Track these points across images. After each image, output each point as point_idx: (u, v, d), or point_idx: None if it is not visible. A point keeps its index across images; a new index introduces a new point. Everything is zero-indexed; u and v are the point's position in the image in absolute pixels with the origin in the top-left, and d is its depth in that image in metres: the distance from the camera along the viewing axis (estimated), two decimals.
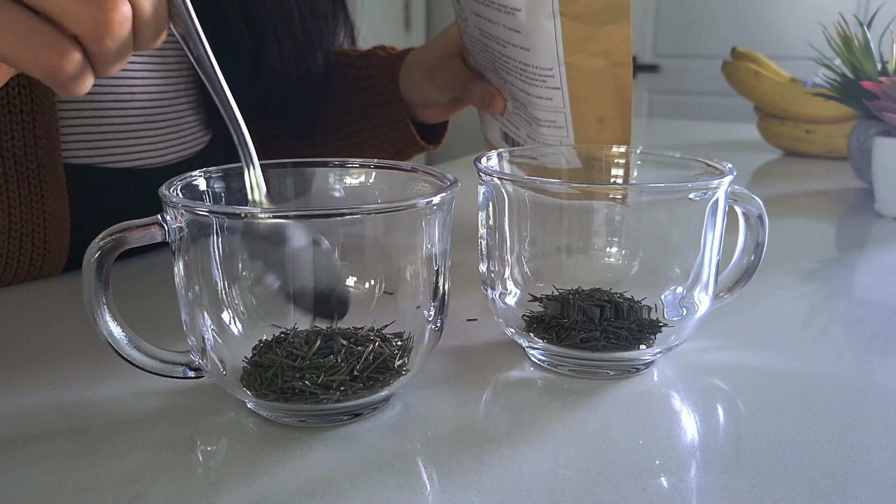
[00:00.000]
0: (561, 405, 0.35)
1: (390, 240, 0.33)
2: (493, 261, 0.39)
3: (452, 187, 0.33)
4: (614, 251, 0.39)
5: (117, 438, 0.32)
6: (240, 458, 0.30)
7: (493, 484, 0.29)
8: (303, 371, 0.31)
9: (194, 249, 0.31)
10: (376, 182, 0.39)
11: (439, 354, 0.39)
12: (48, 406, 0.34)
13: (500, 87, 0.55)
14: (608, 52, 0.47)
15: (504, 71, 0.52)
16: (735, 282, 0.41)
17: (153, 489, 0.28)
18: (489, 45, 0.51)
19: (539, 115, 0.51)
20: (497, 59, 0.51)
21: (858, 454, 0.31)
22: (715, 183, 0.36)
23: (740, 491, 0.28)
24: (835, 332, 0.46)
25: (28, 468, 0.30)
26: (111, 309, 0.31)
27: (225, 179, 0.36)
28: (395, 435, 0.32)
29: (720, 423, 0.34)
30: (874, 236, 0.68)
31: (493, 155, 0.41)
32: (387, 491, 0.28)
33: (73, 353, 0.40)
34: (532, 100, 0.51)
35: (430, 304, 0.34)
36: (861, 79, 0.78)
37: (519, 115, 0.54)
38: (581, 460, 0.30)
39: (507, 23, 0.47)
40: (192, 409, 0.34)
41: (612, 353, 0.37)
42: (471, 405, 0.35)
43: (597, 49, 0.47)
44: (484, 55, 0.53)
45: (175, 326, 0.34)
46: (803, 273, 0.57)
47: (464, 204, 0.41)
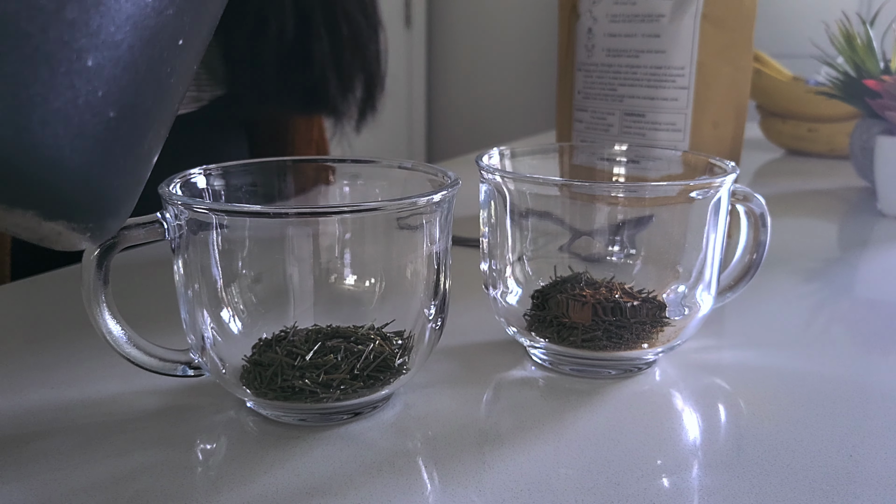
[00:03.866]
0: (562, 405, 0.35)
1: (391, 238, 0.33)
2: (494, 259, 0.39)
3: (453, 185, 0.32)
4: (616, 250, 0.39)
5: (117, 437, 0.32)
6: (239, 457, 0.30)
7: (494, 483, 0.29)
8: (303, 370, 0.31)
9: (194, 247, 0.31)
10: (376, 180, 0.39)
11: (440, 353, 0.39)
12: (48, 405, 0.34)
13: (611, 110, 0.58)
14: (733, 57, 0.53)
15: (627, 85, 0.56)
16: (737, 281, 0.41)
17: (153, 488, 0.28)
18: (615, 64, 0.56)
19: (660, 119, 0.54)
20: (621, 74, 0.56)
21: (860, 453, 0.31)
22: (717, 182, 0.35)
23: (742, 490, 0.28)
24: (837, 332, 0.46)
25: (27, 467, 0.30)
26: (110, 307, 0.31)
27: (224, 177, 0.36)
28: (396, 434, 0.32)
29: (722, 422, 0.34)
30: (876, 235, 0.68)
31: (495, 153, 0.41)
32: (387, 491, 0.28)
33: (73, 352, 0.40)
34: (657, 103, 0.54)
35: (431, 302, 0.34)
36: (864, 77, 0.78)
37: (628, 132, 0.57)
38: (582, 460, 0.30)
39: (646, 31, 0.54)
40: (191, 408, 0.34)
41: (614, 353, 0.37)
42: (472, 404, 0.35)
43: (725, 54, 0.53)
44: (600, 82, 0.58)
45: (174, 325, 0.33)
46: (805, 272, 0.56)
47: (465, 202, 0.41)
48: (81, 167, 0.19)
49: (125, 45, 0.20)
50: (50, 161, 0.19)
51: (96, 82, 0.19)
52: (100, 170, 0.20)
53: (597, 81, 0.57)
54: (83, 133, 0.19)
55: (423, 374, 0.37)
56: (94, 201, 0.20)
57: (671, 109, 0.54)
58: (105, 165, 0.20)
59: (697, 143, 0.54)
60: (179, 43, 0.22)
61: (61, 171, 0.19)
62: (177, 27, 0.21)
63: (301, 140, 0.74)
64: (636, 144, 0.52)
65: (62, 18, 0.18)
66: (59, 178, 0.19)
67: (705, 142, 0.54)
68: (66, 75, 0.19)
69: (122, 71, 0.20)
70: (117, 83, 0.20)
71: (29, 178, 0.18)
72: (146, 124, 0.22)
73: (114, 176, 0.21)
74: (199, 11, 0.23)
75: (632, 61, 0.55)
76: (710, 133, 0.54)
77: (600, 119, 0.58)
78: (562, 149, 0.46)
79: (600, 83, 0.57)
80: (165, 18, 0.21)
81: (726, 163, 0.38)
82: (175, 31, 0.22)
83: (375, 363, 0.32)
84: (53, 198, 0.19)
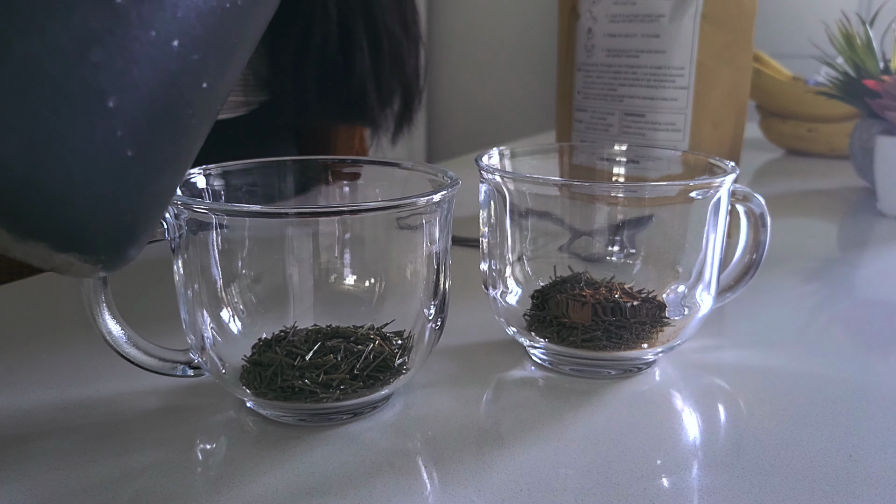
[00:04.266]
0: (562, 405, 0.35)
1: (390, 238, 0.33)
2: (494, 259, 0.39)
3: (453, 185, 0.32)
4: (616, 250, 0.39)
5: (116, 437, 0.32)
6: (239, 457, 0.30)
7: (494, 483, 0.28)
8: (302, 370, 0.31)
9: (193, 247, 0.31)
10: (376, 180, 0.39)
11: (440, 353, 0.39)
12: (47, 405, 0.34)
13: (610, 110, 0.58)
14: (733, 57, 0.53)
15: (627, 85, 0.56)
16: (737, 281, 0.41)
17: (152, 488, 0.28)
18: (614, 64, 0.56)
19: (660, 119, 0.54)
20: (621, 74, 0.56)
21: (860, 454, 0.31)
22: (717, 182, 0.35)
23: (742, 490, 0.28)
24: (836, 332, 0.46)
25: (27, 467, 0.29)
26: (110, 307, 0.31)
27: (224, 177, 0.36)
28: (396, 434, 0.32)
29: (722, 422, 0.34)
30: (876, 235, 0.68)
31: (495, 153, 0.41)
32: (387, 490, 0.28)
33: (72, 352, 0.39)
34: (657, 103, 0.54)
35: (431, 302, 0.34)
36: (863, 77, 0.78)
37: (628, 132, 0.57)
38: (582, 460, 0.30)
39: (646, 31, 0.54)
40: (191, 408, 0.34)
41: (614, 353, 0.37)
42: (471, 404, 0.35)
43: (725, 54, 0.53)
44: (600, 82, 0.58)
45: (174, 325, 0.33)
46: (805, 272, 0.56)
47: (465, 202, 0.41)
48: (93, 203, 0.20)
49: (147, 88, 0.20)
50: (61, 196, 0.19)
51: (115, 123, 0.20)
52: (112, 206, 0.20)
53: (596, 81, 0.57)
54: (98, 170, 0.19)
55: (423, 374, 0.37)
56: (106, 236, 0.21)
57: (671, 109, 0.54)
58: (118, 202, 0.20)
59: (697, 143, 0.54)
60: (203, 86, 0.22)
61: (72, 206, 0.19)
62: (201, 71, 0.22)
63: (343, 147, 0.76)
64: (636, 144, 0.52)
65: (86, 61, 0.19)
66: (69, 214, 0.19)
67: (705, 142, 0.54)
68: (86, 115, 0.19)
69: (142, 112, 0.20)
70: (136, 124, 0.20)
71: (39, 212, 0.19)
72: (164, 163, 0.22)
73: (127, 212, 0.21)
74: (226, 56, 0.23)
75: (632, 61, 0.55)
76: (709, 133, 0.54)
77: (600, 119, 0.58)
78: (562, 149, 0.46)
79: (600, 83, 0.57)
80: (190, 63, 0.21)
81: (726, 163, 0.38)
82: (199, 74, 0.22)
83: (375, 363, 0.32)
84: (64, 232, 0.20)
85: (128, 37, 0.19)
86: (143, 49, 0.20)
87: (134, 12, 0.20)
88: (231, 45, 0.23)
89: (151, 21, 0.20)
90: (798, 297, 0.51)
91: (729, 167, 0.37)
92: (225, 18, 0.22)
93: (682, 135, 0.54)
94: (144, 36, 0.20)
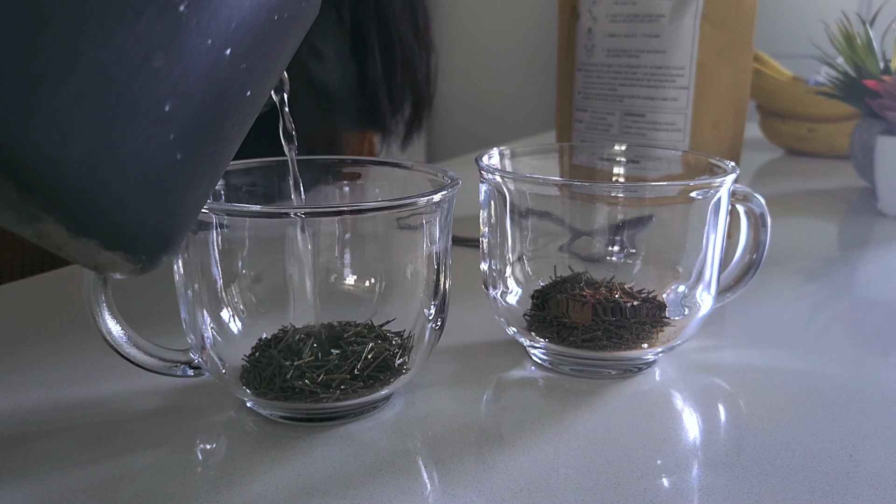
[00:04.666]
0: (562, 404, 0.35)
1: (391, 238, 0.33)
2: (494, 259, 0.39)
3: (453, 185, 0.32)
4: (616, 250, 0.39)
5: (116, 437, 0.32)
6: (239, 457, 0.30)
7: (494, 483, 0.28)
8: (302, 370, 0.31)
9: (194, 247, 0.31)
10: (377, 180, 0.39)
11: (440, 353, 0.39)
12: (48, 405, 0.34)
13: (611, 110, 0.58)
14: (733, 57, 0.53)
15: (627, 85, 0.56)
16: (737, 281, 0.41)
17: (153, 488, 0.28)
18: (614, 64, 0.56)
19: (660, 119, 0.54)
20: (621, 74, 0.56)
21: (860, 454, 0.31)
22: (717, 181, 0.35)
23: (741, 490, 0.28)
24: (837, 332, 0.46)
25: (27, 467, 0.29)
26: (110, 307, 0.31)
27: (224, 177, 0.36)
28: (396, 434, 0.32)
29: (722, 422, 0.34)
30: (876, 235, 0.68)
31: (495, 153, 0.41)
32: (387, 490, 0.28)
33: (72, 352, 0.40)
34: (657, 103, 0.54)
35: (431, 302, 0.34)
36: (863, 77, 0.78)
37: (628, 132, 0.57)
38: (582, 460, 0.30)
39: (646, 31, 0.54)
40: (191, 408, 0.34)
41: (614, 353, 0.37)
42: (472, 404, 0.35)
43: (725, 54, 0.53)
44: (600, 82, 0.58)
45: (174, 325, 0.33)
46: (805, 272, 0.56)
47: (465, 202, 0.41)
48: (145, 205, 0.21)
49: (199, 95, 0.21)
50: (117, 198, 0.20)
51: (169, 127, 0.20)
52: (161, 208, 0.21)
53: (597, 81, 0.57)
54: (150, 173, 0.20)
55: (423, 374, 0.37)
56: (152, 237, 0.22)
57: (671, 109, 0.54)
58: (165, 205, 0.22)
59: (697, 143, 0.54)
60: (247, 95, 0.23)
61: (126, 207, 0.20)
62: (247, 81, 0.23)
63: (352, 152, 0.77)
64: (636, 144, 0.52)
65: (148, 67, 0.20)
66: (122, 214, 0.20)
67: (705, 142, 0.54)
68: (144, 119, 0.20)
69: (193, 118, 0.21)
70: (187, 129, 0.21)
71: (96, 212, 0.20)
72: (205, 169, 0.23)
73: (172, 215, 0.22)
74: (268, 68, 0.24)
75: (632, 61, 0.55)
76: (710, 133, 0.54)
77: (600, 119, 0.58)
78: (562, 149, 0.46)
79: (600, 83, 0.57)
80: (238, 72, 0.22)
81: (726, 163, 0.38)
82: (245, 84, 0.23)
83: (375, 363, 0.32)
84: (116, 231, 0.21)
85: (187, 44, 0.20)
86: (199, 57, 0.21)
87: (194, 20, 0.20)
88: (273, 56, 0.24)
89: (209, 30, 0.21)
90: (798, 297, 0.51)
91: (729, 167, 0.37)
92: (271, 31, 0.23)
93: (682, 135, 0.54)
94: (202, 44, 0.21)
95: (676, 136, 0.54)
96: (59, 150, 0.18)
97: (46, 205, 0.19)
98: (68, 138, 0.18)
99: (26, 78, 0.18)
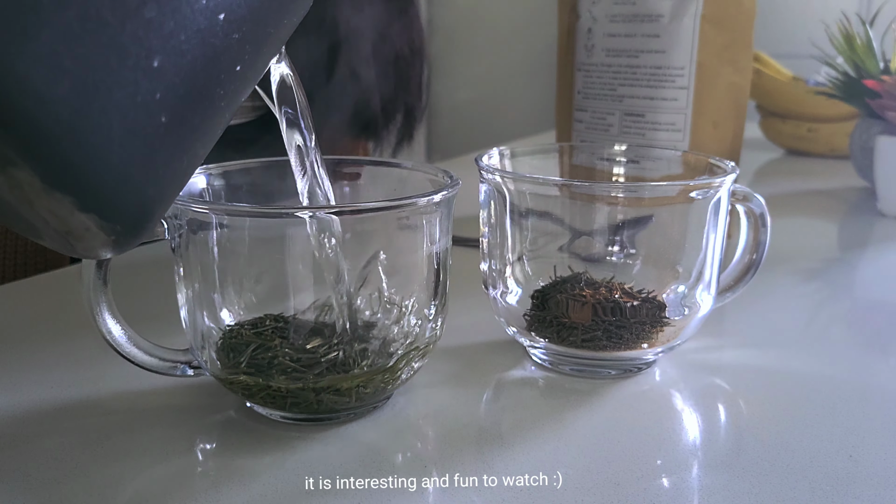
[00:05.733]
0: (562, 404, 0.35)
1: (391, 238, 0.33)
2: (494, 259, 0.39)
3: (453, 185, 0.32)
4: (616, 250, 0.39)
5: (116, 437, 0.32)
6: (239, 457, 0.30)
7: (494, 483, 0.28)
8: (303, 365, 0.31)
9: (194, 247, 0.31)
10: (376, 180, 0.39)
11: (440, 353, 0.39)
12: (48, 405, 0.34)
13: (610, 110, 0.58)
14: (733, 57, 0.53)
15: (627, 85, 0.56)
16: (737, 281, 0.41)
17: (152, 488, 0.28)
18: (614, 64, 0.56)
19: (660, 119, 0.54)
20: (620, 74, 0.56)
21: (860, 454, 0.31)
22: (717, 181, 0.35)
23: (741, 490, 0.28)
24: (836, 332, 0.46)
25: (27, 467, 0.29)
26: (111, 307, 0.31)
27: (225, 177, 0.36)
28: (396, 434, 0.32)
29: (721, 422, 0.34)
30: (876, 235, 0.68)
31: (495, 153, 0.41)
32: (387, 491, 0.28)
33: (73, 352, 0.39)
34: (657, 103, 0.54)
35: (431, 302, 0.33)
36: (863, 77, 0.78)
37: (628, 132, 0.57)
38: (582, 460, 0.30)
39: (646, 31, 0.54)
40: (191, 408, 0.34)
41: (614, 353, 0.37)
42: (472, 404, 0.35)
43: (725, 54, 0.53)
44: (600, 82, 0.58)
45: (175, 325, 0.33)
46: (805, 272, 0.56)
47: (465, 202, 0.41)
48: (126, 165, 0.20)
49: (189, 56, 0.21)
50: (98, 151, 0.19)
51: (157, 84, 0.20)
52: (142, 172, 0.21)
53: (596, 81, 0.57)
54: (134, 130, 0.20)
55: (423, 375, 0.37)
56: (130, 204, 0.21)
57: (671, 109, 0.54)
58: (146, 169, 0.21)
59: (697, 143, 0.54)
60: (237, 69, 0.23)
61: (106, 163, 0.20)
62: (238, 53, 0.23)
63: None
64: (636, 144, 0.52)
65: (141, 15, 0.19)
66: (102, 170, 0.20)
67: (705, 142, 0.54)
68: (133, 70, 0.19)
69: (182, 80, 0.21)
70: (175, 91, 0.21)
71: (75, 163, 0.19)
72: (190, 140, 0.22)
73: (152, 183, 0.21)
74: (260, 45, 0.24)
75: (631, 61, 0.55)
76: (709, 133, 0.54)
77: (600, 119, 0.58)
78: (562, 149, 0.46)
79: (600, 83, 0.57)
80: (230, 42, 0.22)
81: (726, 163, 0.38)
82: (236, 56, 0.23)
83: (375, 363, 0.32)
84: (93, 189, 0.20)
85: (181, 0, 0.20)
86: (192, 15, 0.21)
87: None
88: (266, 34, 0.24)
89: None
90: (798, 297, 0.51)
91: (729, 167, 0.37)
92: (267, 5, 0.23)
93: (682, 135, 0.54)
94: (196, 2, 0.21)
95: (676, 136, 0.54)
96: (44, 86, 0.18)
97: (23, 147, 0.18)
98: (55, 74, 0.18)
99: (20, 1, 0.17)
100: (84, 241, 0.21)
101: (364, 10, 0.61)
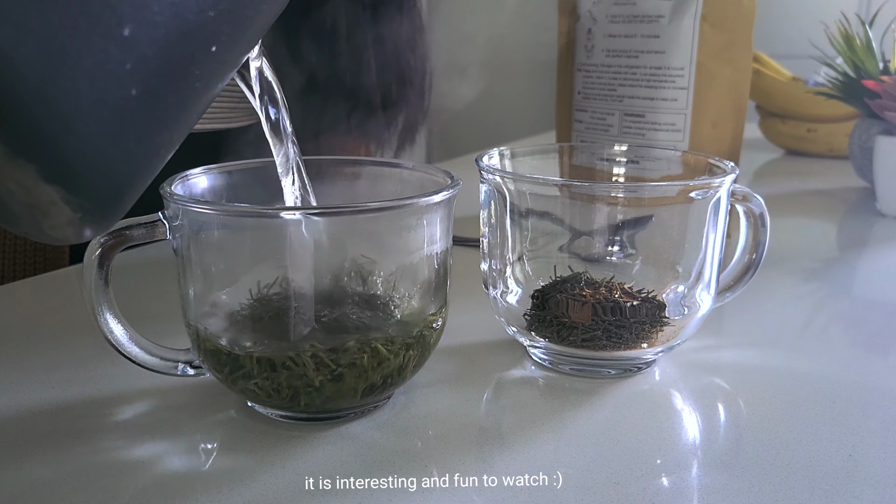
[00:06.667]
0: (562, 404, 0.35)
1: (391, 238, 0.33)
2: (494, 259, 0.39)
3: (454, 186, 0.32)
4: (616, 250, 0.39)
5: (117, 436, 0.32)
6: (240, 456, 0.30)
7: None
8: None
9: (195, 247, 0.31)
10: (376, 180, 0.39)
11: (440, 353, 0.39)
12: (48, 405, 0.34)
13: (610, 110, 0.58)
14: (733, 58, 0.53)
15: (627, 86, 0.56)
16: (737, 281, 0.41)
17: (152, 487, 0.28)
18: (614, 64, 0.56)
19: (659, 119, 0.55)
20: (620, 75, 0.56)
21: (859, 453, 0.31)
22: (717, 182, 0.36)
23: (741, 490, 0.28)
24: (836, 332, 0.46)
25: (27, 467, 0.30)
26: (112, 306, 0.31)
27: (225, 177, 0.36)
28: (396, 434, 0.32)
29: (721, 422, 0.34)
30: (875, 235, 0.68)
31: (495, 153, 0.41)
32: (387, 491, 0.28)
33: (73, 352, 0.40)
34: (656, 103, 0.55)
35: (431, 302, 0.34)
36: (863, 77, 0.78)
37: (627, 132, 0.57)
38: (582, 459, 0.30)
39: (646, 31, 0.54)
40: (192, 407, 0.34)
41: (614, 352, 0.37)
42: (472, 404, 0.35)
43: (725, 54, 0.53)
44: (600, 83, 0.58)
45: (174, 324, 0.33)
46: (805, 272, 0.57)
47: (465, 202, 0.41)
48: (94, 135, 0.19)
49: (162, 29, 0.20)
50: (66, 117, 0.19)
51: (127, 54, 0.19)
52: (109, 145, 0.20)
53: (596, 82, 0.58)
54: (102, 100, 0.19)
55: (423, 374, 0.37)
56: (98, 178, 0.20)
57: (671, 110, 0.54)
58: (115, 143, 0.20)
59: (697, 144, 0.54)
60: (212, 49, 0.22)
61: (74, 131, 0.19)
62: (213, 32, 0.22)
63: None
64: (636, 145, 0.52)
65: None
66: (69, 138, 0.19)
67: (705, 142, 0.54)
68: (103, 37, 0.19)
69: (154, 53, 0.20)
70: (146, 63, 0.20)
71: (40, 129, 0.18)
72: (162, 119, 0.22)
73: (122, 160, 0.21)
74: (238, 27, 0.23)
75: (631, 62, 0.55)
76: (709, 133, 0.54)
77: (600, 119, 0.58)
78: (562, 149, 0.46)
79: (600, 83, 0.57)
80: (205, 18, 0.21)
81: (726, 163, 0.38)
82: (211, 35, 0.22)
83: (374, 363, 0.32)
84: (59, 158, 0.19)
85: None
86: None
87: None
88: (245, 17, 0.23)
89: None
90: (798, 297, 0.51)
91: (729, 167, 0.37)
92: None
93: (681, 135, 0.54)
94: None
95: (676, 136, 0.54)
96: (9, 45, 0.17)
97: None
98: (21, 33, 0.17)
99: None
100: (50, 218, 0.20)
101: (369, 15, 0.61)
